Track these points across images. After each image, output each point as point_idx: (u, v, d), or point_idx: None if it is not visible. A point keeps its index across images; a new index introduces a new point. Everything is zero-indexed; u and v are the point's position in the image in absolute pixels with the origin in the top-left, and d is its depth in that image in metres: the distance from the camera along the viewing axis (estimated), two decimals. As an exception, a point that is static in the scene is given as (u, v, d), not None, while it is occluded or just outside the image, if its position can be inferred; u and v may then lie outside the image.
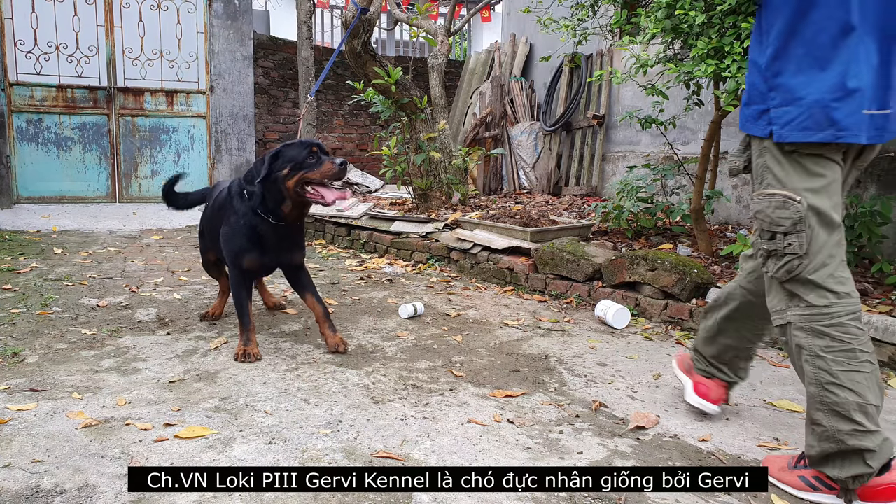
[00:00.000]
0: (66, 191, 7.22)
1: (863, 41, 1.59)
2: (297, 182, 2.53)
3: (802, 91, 1.63)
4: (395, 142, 5.64)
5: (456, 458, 1.89)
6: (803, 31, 1.62)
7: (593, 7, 4.76)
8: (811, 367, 1.66)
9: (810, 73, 1.62)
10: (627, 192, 4.64)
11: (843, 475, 1.63)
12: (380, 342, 2.98)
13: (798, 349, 1.70)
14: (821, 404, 1.65)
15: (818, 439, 1.66)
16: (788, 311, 1.71)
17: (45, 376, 2.44)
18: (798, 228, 1.65)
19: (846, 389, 1.61)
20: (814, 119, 1.62)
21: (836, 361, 1.62)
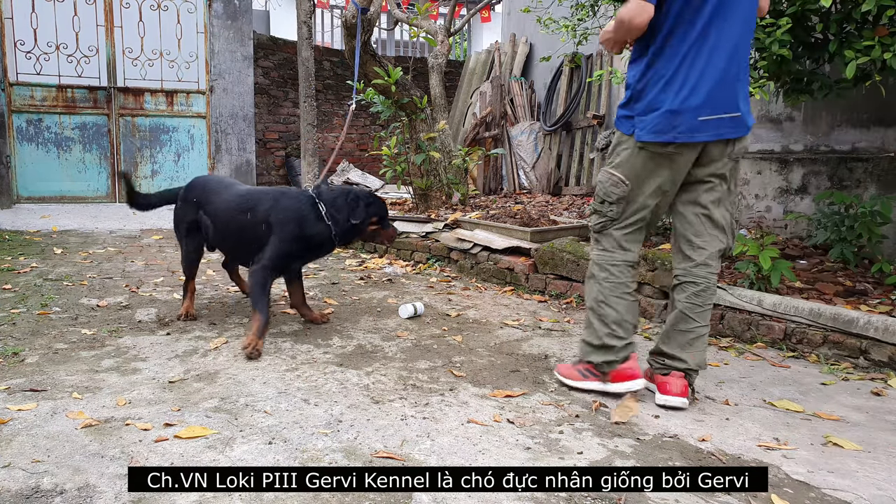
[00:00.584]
0: (66, 191, 7.22)
1: (700, 67, 2.10)
2: (374, 231, 3.20)
3: (656, 104, 2.15)
4: (395, 142, 5.64)
5: (456, 458, 1.89)
6: (657, 62, 2.16)
7: (593, 7, 4.76)
8: (595, 289, 2.35)
9: (662, 92, 2.14)
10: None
11: (599, 360, 2.35)
12: (380, 342, 2.98)
13: (589, 277, 2.40)
14: (594, 314, 2.34)
15: (589, 337, 2.36)
16: (593, 252, 2.40)
17: (45, 376, 2.44)
18: (619, 202, 2.28)
19: (611, 308, 2.31)
20: (662, 125, 2.13)
21: (609, 289, 2.32)
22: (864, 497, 1.72)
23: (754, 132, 5.06)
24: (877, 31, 2.86)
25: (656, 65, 2.15)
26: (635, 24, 2.09)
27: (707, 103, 2.11)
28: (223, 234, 3.15)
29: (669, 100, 2.12)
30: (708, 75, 2.10)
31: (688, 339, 2.29)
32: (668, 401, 2.27)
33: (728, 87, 2.13)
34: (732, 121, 2.14)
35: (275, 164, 8.68)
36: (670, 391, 2.27)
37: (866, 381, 2.60)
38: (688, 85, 2.11)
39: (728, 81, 2.12)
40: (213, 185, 3.28)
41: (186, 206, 3.28)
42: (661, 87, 2.14)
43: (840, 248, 3.66)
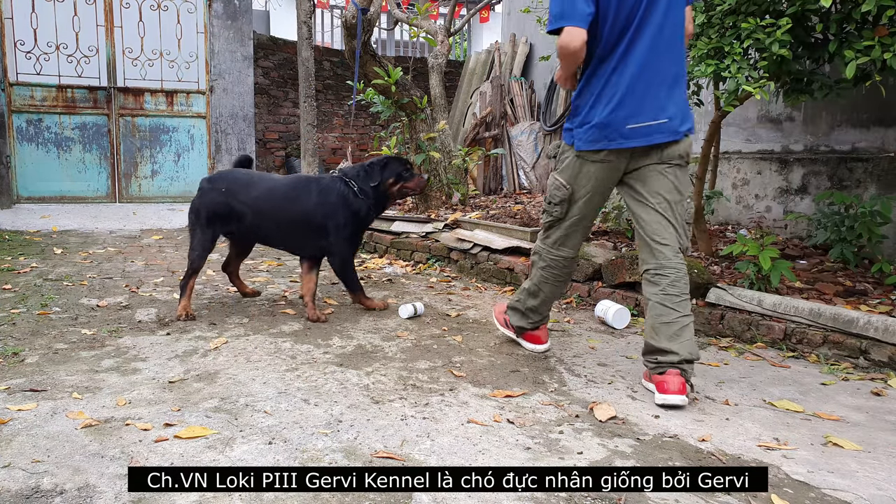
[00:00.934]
0: (66, 191, 7.21)
1: (625, 82, 2.34)
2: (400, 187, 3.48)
3: (588, 119, 2.42)
4: (395, 142, 5.64)
5: (456, 458, 1.89)
6: (590, 82, 2.43)
7: (593, 7, 4.76)
8: (538, 274, 2.73)
9: (592, 108, 2.41)
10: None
11: (516, 324, 2.89)
12: (380, 342, 2.98)
13: (534, 261, 2.77)
14: (529, 289, 2.78)
15: (517, 300, 2.85)
16: (539, 243, 2.74)
17: (45, 376, 2.44)
18: (562, 203, 2.58)
19: (542, 292, 2.75)
20: (594, 136, 2.40)
21: (547, 277, 2.72)
22: (864, 497, 1.72)
23: (755, 132, 5.06)
24: (877, 31, 2.86)
25: (589, 84, 2.43)
26: (572, 49, 2.30)
27: (633, 113, 2.35)
28: (260, 223, 3.35)
29: (598, 114, 2.39)
30: (632, 89, 2.35)
31: (674, 331, 2.33)
32: (667, 399, 2.29)
33: (653, 98, 2.36)
34: (661, 126, 2.37)
35: (275, 164, 8.67)
36: (668, 390, 2.29)
37: (866, 381, 2.60)
38: (614, 99, 2.36)
39: (652, 93, 2.36)
40: (243, 177, 3.42)
41: (214, 195, 3.34)
42: (591, 103, 2.42)
43: (840, 248, 3.66)
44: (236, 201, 3.31)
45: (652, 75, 2.36)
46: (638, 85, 2.35)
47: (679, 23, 2.39)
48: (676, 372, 2.31)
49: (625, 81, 2.35)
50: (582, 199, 2.54)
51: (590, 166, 2.47)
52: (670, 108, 2.38)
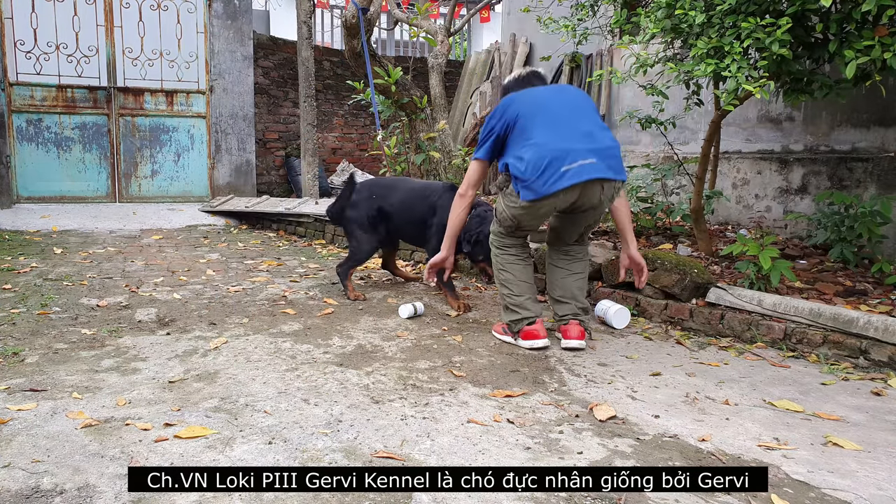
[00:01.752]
0: (66, 191, 7.21)
1: (547, 135, 2.75)
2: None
3: (524, 180, 2.76)
4: (395, 142, 5.64)
5: (456, 458, 1.89)
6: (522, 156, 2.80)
7: (593, 7, 4.76)
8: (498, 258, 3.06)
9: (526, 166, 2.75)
10: (627, 192, 4.64)
11: (506, 320, 3.02)
12: (380, 342, 2.98)
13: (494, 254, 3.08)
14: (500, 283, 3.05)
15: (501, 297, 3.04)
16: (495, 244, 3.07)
17: (45, 376, 2.44)
18: (510, 226, 2.98)
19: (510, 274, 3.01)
20: (527, 194, 2.76)
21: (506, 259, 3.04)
22: (864, 497, 1.72)
23: (755, 132, 5.06)
24: (877, 30, 2.86)
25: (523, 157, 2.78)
26: (478, 179, 3.07)
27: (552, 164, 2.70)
28: (399, 222, 3.89)
29: (530, 175, 2.73)
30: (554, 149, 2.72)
31: (567, 286, 3.03)
32: (569, 343, 2.91)
33: (577, 150, 2.72)
34: (591, 166, 2.70)
35: (275, 164, 8.68)
36: (571, 336, 2.92)
37: (866, 381, 2.60)
38: (542, 162, 2.71)
39: (575, 147, 2.73)
40: (387, 183, 4.08)
41: (368, 202, 3.91)
42: (522, 170, 2.75)
43: (840, 248, 3.66)
44: (385, 204, 3.87)
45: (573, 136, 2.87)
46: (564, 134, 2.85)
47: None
48: (577, 322, 2.95)
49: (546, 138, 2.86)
50: (528, 227, 3.00)
51: (533, 209, 2.88)
52: (594, 154, 2.82)
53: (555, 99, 2.89)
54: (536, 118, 2.80)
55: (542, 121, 2.79)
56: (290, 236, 6.33)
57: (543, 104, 2.85)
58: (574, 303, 3.02)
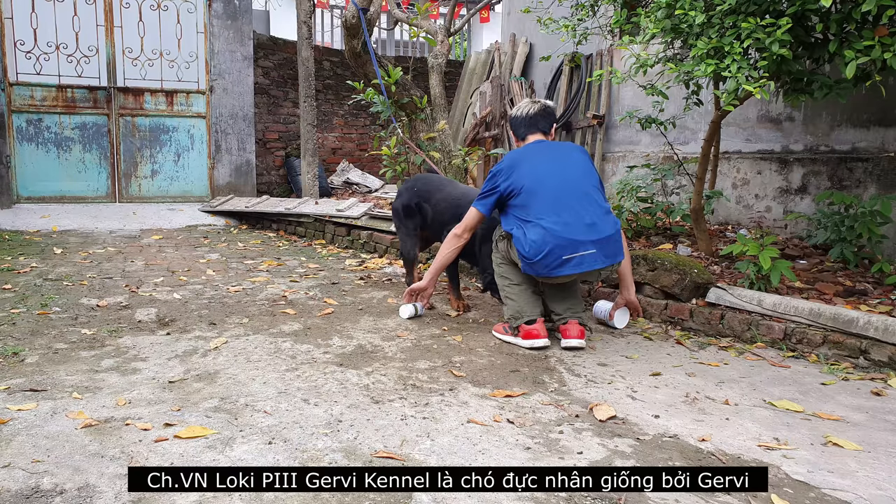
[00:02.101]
0: (66, 191, 7.21)
1: (553, 220, 2.87)
2: None
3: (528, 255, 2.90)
4: (395, 142, 5.64)
5: (456, 458, 1.89)
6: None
7: (593, 7, 4.76)
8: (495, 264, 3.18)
9: (531, 246, 2.88)
10: (627, 192, 4.64)
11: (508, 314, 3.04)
12: (380, 342, 2.98)
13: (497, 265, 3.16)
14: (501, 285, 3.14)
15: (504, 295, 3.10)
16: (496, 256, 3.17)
17: (45, 376, 2.44)
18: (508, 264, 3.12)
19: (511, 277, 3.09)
20: (532, 268, 2.93)
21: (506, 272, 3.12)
22: (864, 497, 1.72)
23: (755, 132, 5.06)
24: (877, 30, 2.86)
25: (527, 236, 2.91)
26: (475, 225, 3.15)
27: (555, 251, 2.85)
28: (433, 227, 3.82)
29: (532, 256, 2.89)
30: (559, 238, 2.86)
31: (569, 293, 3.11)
32: (570, 343, 2.94)
33: (580, 241, 2.86)
34: (591, 257, 2.86)
35: (275, 164, 8.67)
36: (571, 335, 2.95)
37: (866, 381, 2.60)
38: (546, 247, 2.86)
39: (578, 239, 2.86)
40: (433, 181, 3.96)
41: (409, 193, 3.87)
42: (526, 249, 2.90)
43: (840, 248, 3.66)
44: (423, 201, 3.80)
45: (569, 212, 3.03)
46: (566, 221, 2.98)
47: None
48: (576, 322, 2.98)
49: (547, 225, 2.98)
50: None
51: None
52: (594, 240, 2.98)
53: (560, 176, 2.97)
54: (540, 196, 2.92)
55: (547, 201, 2.90)
56: (290, 236, 6.33)
57: (548, 183, 2.94)
58: (573, 301, 3.06)
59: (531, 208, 2.91)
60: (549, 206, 2.89)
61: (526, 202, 2.93)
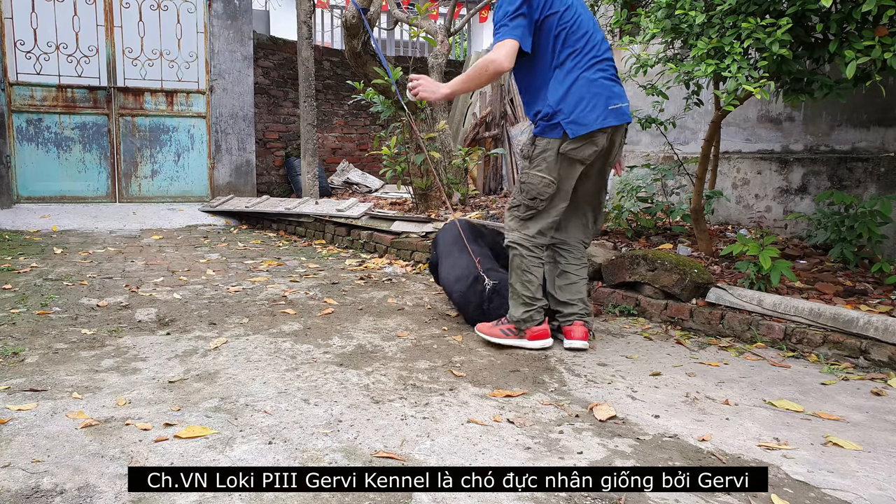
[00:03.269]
0: (66, 191, 7.21)
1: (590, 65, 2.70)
2: None
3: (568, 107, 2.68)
4: (395, 142, 5.64)
5: (456, 458, 1.89)
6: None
7: (593, 7, 4.76)
8: (518, 261, 2.85)
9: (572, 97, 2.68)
10: (627, 192, 4.64)
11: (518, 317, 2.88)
12: (380, 342, 2.98)
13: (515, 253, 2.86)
14: (520, 283, 2.86)
15: (518, 303, 2.88)
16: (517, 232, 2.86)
17: (45, 376, 2.44)
18: (549, 198, 2.78)
19: (532, 275, 2.85)
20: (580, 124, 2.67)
21: (530, 261, 2.84)
22: (864, 497, 1.72)
23: (755, 132, 5.06)
24: (877, 30, 2.86)
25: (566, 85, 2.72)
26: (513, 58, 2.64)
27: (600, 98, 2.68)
28: None
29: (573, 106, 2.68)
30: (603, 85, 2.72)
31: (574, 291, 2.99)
32: (573, 344, 2.90)
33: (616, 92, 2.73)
34: (625, 109, 2.75)
35: (275, 164, 8.67)
36: (574, 337, 2.90)
37: (866, 381, 2.60)
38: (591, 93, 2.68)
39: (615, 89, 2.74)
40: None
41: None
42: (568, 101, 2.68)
43: (840, 248, 3.66)
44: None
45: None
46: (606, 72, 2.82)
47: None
48: (581, 323, 2.94)
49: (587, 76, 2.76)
50: (565, 190, 2.83)
51: (572, 163, 2.77)
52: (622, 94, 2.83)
53: (587, 13, 2.75)
54: (578, 30, 2.66)
55: (583, 38, 2.67)
56: (290, 236, 6.33)
57: (581, 15, 2.70)
58: (581, 305, 3.01)
59: (569, 46, 2.65)
60: (587, 48, 2.66)
61: (564, 34, 2.65)
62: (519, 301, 2.89)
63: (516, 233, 2.86)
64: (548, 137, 2.73)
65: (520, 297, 2.88)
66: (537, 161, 2.76)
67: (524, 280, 2.85)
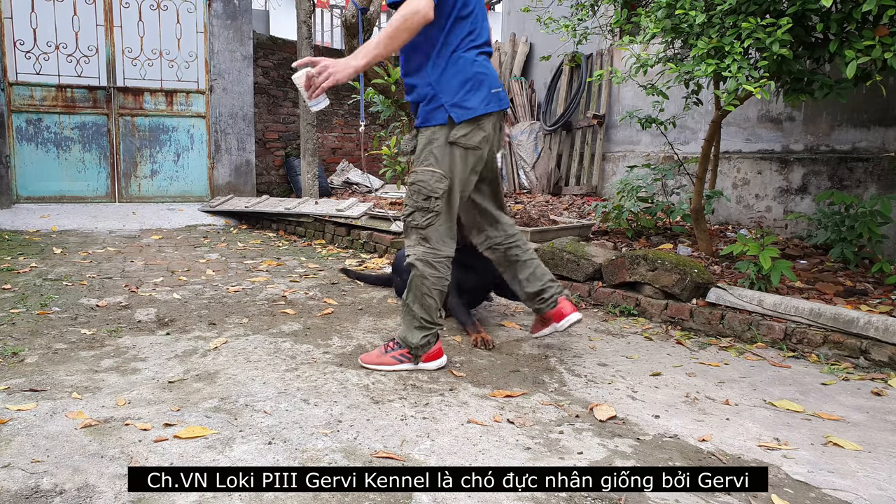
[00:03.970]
0: (66, 191, 7.20)
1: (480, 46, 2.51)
2: None
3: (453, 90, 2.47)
4: (394, 142, 5.64)
5: (456, 458, 1.88)
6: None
7: (593, 7, 4.76)
8: (418, 283, 2.54)
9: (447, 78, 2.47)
10: (628, 192, 4.64)
11: (416, 342, 2.58)
12: (380, 342, 2.98)
13: (416, 273, 2.55)
14: (419, 306, 2.56)
15: (414, 328, 2.58)
16: (420, 247, 2.53)
17: (44, 376, 2.43)
18: (444, 196, 2.49)
19: (433, 299, 2.56)
20: (465, 108, 2.45)
21: (432, 282, 2.54)
22: (865, 497, 1.72)
23: (755, 132, 5.06)
24: (877, 30, 2.86)
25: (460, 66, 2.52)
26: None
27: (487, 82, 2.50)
28: None
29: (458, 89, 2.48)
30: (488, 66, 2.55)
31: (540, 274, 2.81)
32: (571, 319, 2.75)
33: (494, 73, 2.56)
34: (504, 93, 2.58)
35: (274, 164, 8.67)
36: (567, 312, 2.76)
37: (866, 381, 2.60)
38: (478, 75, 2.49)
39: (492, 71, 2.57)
40: None
41: None
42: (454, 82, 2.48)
43: (840, 248, 3.66)
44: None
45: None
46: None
47: None
48: (563, 297, 2.79)
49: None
50: (456, 191, 2.57)
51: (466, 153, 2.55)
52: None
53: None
54: (466, 9, 2.45)
55: (470, 20, 2.47)
56: (289, 236, 6.33)
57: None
58: (554, 283, 2.82)
59: (461, 28, 2.45)
60: (480, 27, 2.50)
61: (458, 17, 2.44)
62: (416, 325, 2.58)
63: (419, 248, 2.53)
64: (432, 126, 2.47)
65: (418, 321, 2.58)
66: (424, 155, 2.49)
67: (424, 304, 2.56)
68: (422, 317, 2.57)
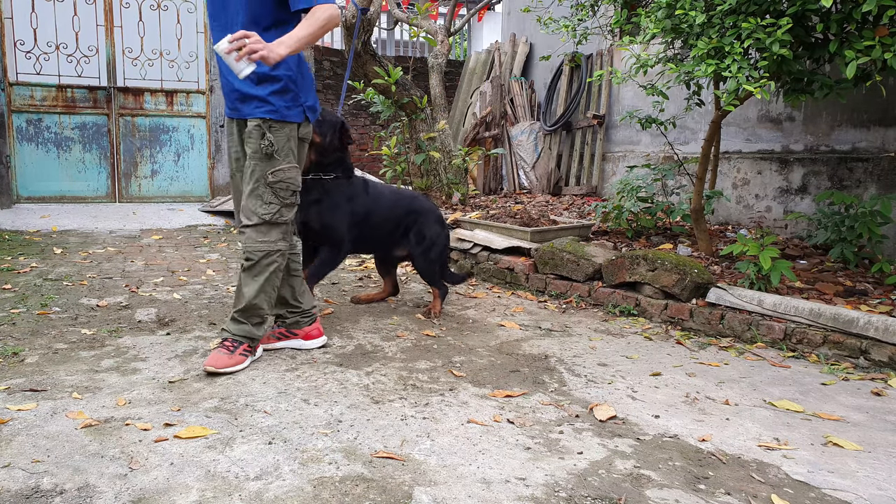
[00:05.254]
0: (66, 191, 7.20)
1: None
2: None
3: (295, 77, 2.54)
4: (395, 142, 5.64)
5: (456, 457, 1.88)
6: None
7: (593, 7, 4.77)
8: (274, 277, 2.59)
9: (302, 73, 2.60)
10: (627, 192, 4.64)
11: (257, 333, 2.62)
12: (380, 342, 2.98)
13: (276, 268, 2.59)
14: (265, 297, 2.59)
15: (259, 323, 2.63)
16: (280, 242, 2.58)
17: (44, 376, 2.44)
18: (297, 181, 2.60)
19: (276, 292, 2.65)
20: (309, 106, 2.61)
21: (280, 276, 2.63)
22: (865, 497, 1.72)
23: (755, 132, 5.06)
24: (877, 31, 2.86)
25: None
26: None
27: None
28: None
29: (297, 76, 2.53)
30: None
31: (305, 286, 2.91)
32: (317, 343, 2.85)
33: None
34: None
35: (275, 163, 8.67)
36: (315, 336, 2.86)
37: (866, 381, 2.60)
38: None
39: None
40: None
41: None
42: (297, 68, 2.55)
43: (840, 248, 3.66)
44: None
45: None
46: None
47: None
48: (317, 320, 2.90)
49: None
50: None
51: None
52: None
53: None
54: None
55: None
56: (290, 236, 6.32)
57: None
58: (312, 297, 2.94)
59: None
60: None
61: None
62: (259, 319, 2.63)
63: (283, 242, 2.59)
64: (290, 123, 2.51)
65: (261, 317, 2.63)
66: (285, 152, 2.52)
67: (271, 298, 2.65)
68: (267, 311, 2.66)
